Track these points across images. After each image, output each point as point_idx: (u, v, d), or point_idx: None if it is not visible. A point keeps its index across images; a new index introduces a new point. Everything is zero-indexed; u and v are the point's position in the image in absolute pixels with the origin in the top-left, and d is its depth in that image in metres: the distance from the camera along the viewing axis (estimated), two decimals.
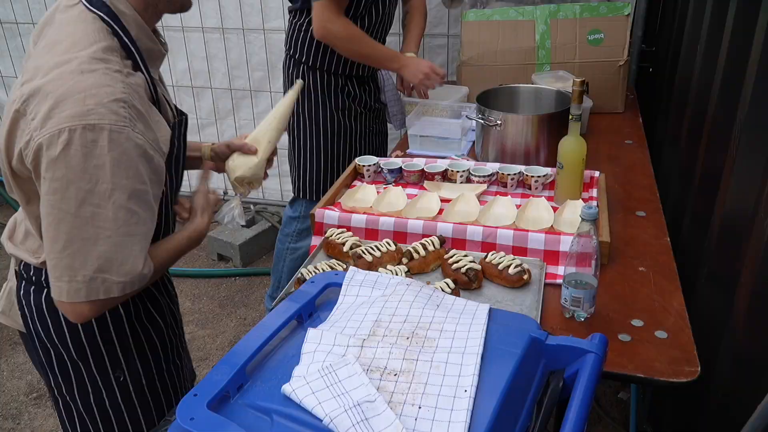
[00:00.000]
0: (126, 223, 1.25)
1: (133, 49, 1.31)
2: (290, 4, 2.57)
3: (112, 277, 1.26)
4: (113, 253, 1.25)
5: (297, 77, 2.60)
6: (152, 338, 1.58)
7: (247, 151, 1.58)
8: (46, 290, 1.41)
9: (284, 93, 2.65)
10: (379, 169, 2.15)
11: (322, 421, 0.90)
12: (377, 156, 2.63)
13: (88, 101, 1.19)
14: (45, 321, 1.45)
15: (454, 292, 1.49)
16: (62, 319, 1.44)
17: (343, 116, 2.63)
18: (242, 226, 3.92)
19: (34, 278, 1.44)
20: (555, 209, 1.86)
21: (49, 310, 1.43)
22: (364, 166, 2.13)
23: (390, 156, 2.32)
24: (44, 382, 1.58)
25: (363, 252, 1.64)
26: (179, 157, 1.45)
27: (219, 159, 1.71)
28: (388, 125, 2.93)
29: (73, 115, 1.18)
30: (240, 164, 1.58)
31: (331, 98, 2.60)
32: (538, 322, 1.41)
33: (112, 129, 1.19)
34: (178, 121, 1.44)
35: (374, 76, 2.74)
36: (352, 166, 2.16)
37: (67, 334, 1.45)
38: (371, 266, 1.61)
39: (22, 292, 1.46)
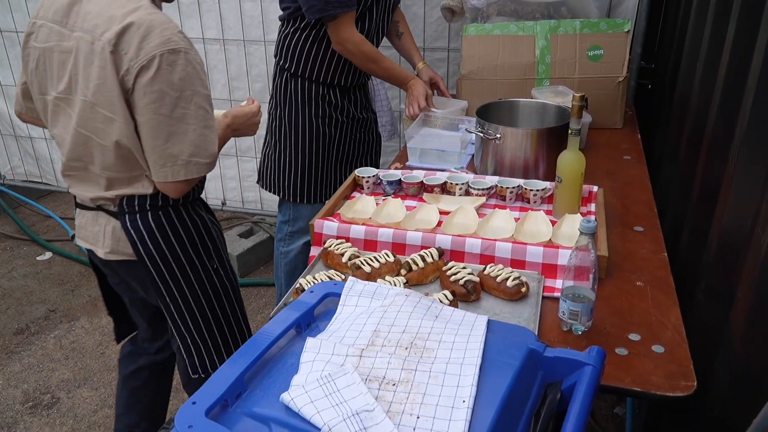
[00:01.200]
0: (204, 118, 1.67)
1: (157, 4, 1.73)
2: (281, 13, 2.61)
3: (201, 160, 1.69)
4: (200, 141, 1.67)
5: (281, 85, 2.65)
6: (221, 237, 2.04)
7: None
8: (149, 212, 1.81)
9: (270, 101, 2.74)
10: (379, 180, 2.16)
11: (320, 430, 0.90)
12: (366, 165, 2.65)
13: (165, 33, 1.60)
14: (155, 238, 1.82)
15: (453, 304, 1.49)
16: (169, 231, 1.83)
17: (322, 124, 2.65)
18: (239, 236, 3.93)
19: (137, 207, 1.80)
20: (553, 223, 1.86)
21: (158, 227, 1.82)
22: (363, 177, 2.14)
23: (389, 168, 2.33)
24: (154, 302, 1.97)
25: (362, 263, 1.65)
26: None
27: None
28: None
29: (158, 44, 1.58)
30: None
31: (311, 106, 2.62)
32: (536, 334, 1.41)
33: (186, 51, 1.62)
34: None
35: (363, 85, 2.77)
36: (351, 177, 2.17)
37: (174, 243, 1.86)
38: (370, 277, 1.61)
39: (128, 224, 1.81)
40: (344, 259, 1.71)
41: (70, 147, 1.75)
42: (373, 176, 2.15)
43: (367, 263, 1.64)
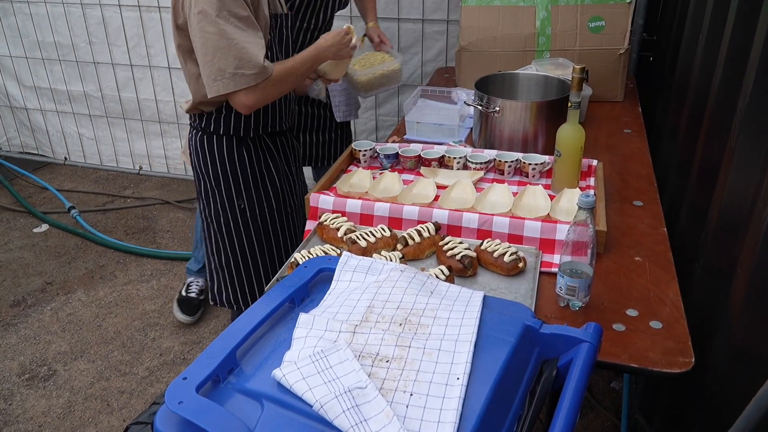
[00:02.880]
0: (243, 34, 1.82)
1: None
2: None
3: (247, 71, 1.83)
4: (242, 54, 1.81)
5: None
6: (267, 185, 2.15)
7: None
8: (200, 132, 2.07)
9: None
10: (376, 154, 2.14)
11: (312, 407, 0.89)
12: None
13: None
14: (198, 154, 2.10)
15: (449, 279, 1.47)
16: (207, 154, 2.07)
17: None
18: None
19: (195, 124, 2.09)
20: (552, 197, 1.84)
21: (201, 147, 2.08)
22: (360, 151, 2.11)
23: (386, 141, 2.30)
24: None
25: (357, 237, 1.63)
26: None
27: None
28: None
29: None
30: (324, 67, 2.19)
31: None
32: (533, 310, 1.40)
33: None
34: (278, 15, 1.99)
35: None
36: (348, 150, 2.14)
37: (209, 164, 2.09)
38: (365, 252, 1.59)
39: (190, 136, 2.13)
40: (340, 234, 1.69)
41: (181, 65, 2.03)
42: (370, 150, 2.12)
43: (363, 238, 1.63)
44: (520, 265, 1.56)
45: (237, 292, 2.23)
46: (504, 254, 1.55)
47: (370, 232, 1.65)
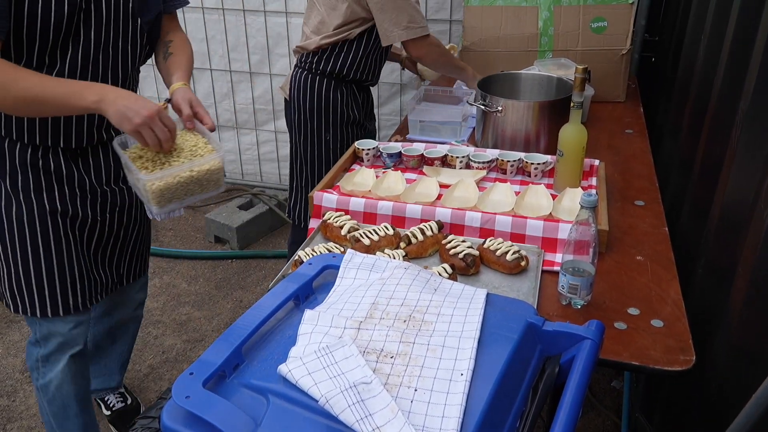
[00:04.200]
0: (414, 1, 2.32)
1: None
2: None
3: (415, 25, 2.31)
4: (414, 13, 2.31)
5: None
6: (351, 124, 2.52)
7: None
8: (305, 72, 2.47)
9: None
10: (379, 153, 2.14)
11: (317, 401, 0.90)
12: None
13: None
14: (299, 90, 2.48)
15: (452, 277, 1.48)
16: (308, 90, 2.46)
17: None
18: (239, 208, 3.91)
19: (302, 64, 2.48)
20: (554, 197, 1.85)
21: (304, 85, 2.47)
22: (363, 149, 2.12)
23: (389, 140, 2.31)
24: (289, 138, 2.67)
25: (361, 235, 1.64)
26: None
27: None
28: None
29: None
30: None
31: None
32: (535, 308, 1.41)
33: None
34: None
35: None
36: (351, 149, 2.15)
37: (307, 99, 2.47)
38: (369, 250, 1.60)
39: (294, 73, 2.51)
40: (343, 232, 1.70)
41: (305, 14, 2.51)
42: (373, 149, 2.13)
43: (367, 236, 1.64)
44: (523, 263, 1.57)
45: (308, 211, 2.41)
46: (506, 253, 1.56)
47: (374, 230, 1.66)
